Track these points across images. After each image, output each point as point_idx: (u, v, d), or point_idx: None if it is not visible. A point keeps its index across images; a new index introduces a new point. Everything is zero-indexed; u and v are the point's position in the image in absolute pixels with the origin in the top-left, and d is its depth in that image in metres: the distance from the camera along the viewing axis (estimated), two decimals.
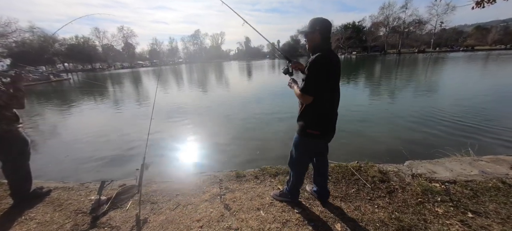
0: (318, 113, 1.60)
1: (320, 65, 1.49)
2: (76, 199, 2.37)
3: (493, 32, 65.70)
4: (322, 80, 1.51)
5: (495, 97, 7.58)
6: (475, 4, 3.06)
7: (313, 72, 1.50)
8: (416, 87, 10.61)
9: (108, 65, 74.69)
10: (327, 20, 1.57)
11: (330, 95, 1.59)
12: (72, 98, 13.32)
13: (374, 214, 1.88)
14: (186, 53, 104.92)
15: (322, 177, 2.02)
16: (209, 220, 1.93)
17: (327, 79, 1.53)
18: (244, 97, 10.47)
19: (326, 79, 1.53)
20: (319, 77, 1.50)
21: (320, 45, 1.58)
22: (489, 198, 1.98)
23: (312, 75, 1.50)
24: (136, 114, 8.21)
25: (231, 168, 3.15)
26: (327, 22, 1.57)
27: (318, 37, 1.57)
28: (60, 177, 3.39)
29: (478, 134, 4.57)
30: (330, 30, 1.60)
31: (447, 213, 1.84)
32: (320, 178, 2.02)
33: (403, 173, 2.49)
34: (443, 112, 6.18)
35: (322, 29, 1.56)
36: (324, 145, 1.87)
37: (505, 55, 30.59)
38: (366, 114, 6.35)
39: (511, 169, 2.42)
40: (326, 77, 1.52)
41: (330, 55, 1.55)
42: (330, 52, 1.57)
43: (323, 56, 1.50)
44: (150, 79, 25.34)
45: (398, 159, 3.08)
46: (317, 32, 1.57)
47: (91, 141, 5.46)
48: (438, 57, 36.36)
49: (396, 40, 67.76)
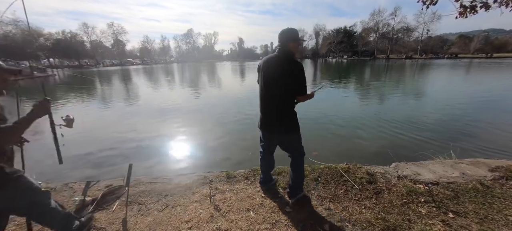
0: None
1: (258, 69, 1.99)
2: (59, 200, 2.26)
3: (475, 41, 69.25)
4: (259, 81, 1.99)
5: (476, 103, 7.96)
6: (458, 14, 3.20)
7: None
8: (403, 92, 10.99)
9: (96, 62, 72.30)
10: (285, 29, 1.83)
11: (261, 93, 1.94)
12: (58, 95, 12.80)
13: (361, 214, 1.93)
14: (178, 52, 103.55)
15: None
16: (198, 221, 1.92)
17: (259, 80, 1.96)
18: (236, 97, 10.45)
19: (259, 80, 1.98)
20: (258, 77, 1.99)
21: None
22: (469, 199, 2.08)
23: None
24: (124, 113, 8.00)
25: (222, 168, 3.13)
26: (283, 30, 1.83)
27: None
28: (42, 177, 3.24)
29: (459, 137, 4.78)
30: (282, 37, 1.82)
31: (429, 213, 1.91)
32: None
33: (389, 174, 2.56)
34: (428, 116, 6.43)
35: (279, 37, 1.84)
36: (267, 136, 2.11)
37: (486, 63, 32.26)
38: (355, 117, 6.50)
39: (489, 172, 2.55)
40: (259, 78, 1.96)
41: (264, 60, 1.90)
42: (267, 58, 1.89)
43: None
44: (140, 77, 24.78)
45: (385, 161, 3.17)
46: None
47: (77, 139, 5.27)
48: (424, 63, 37.82)
49: (386, 45, 70.03)
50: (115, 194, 2.34)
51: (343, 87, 13.25)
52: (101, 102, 10.44)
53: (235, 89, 13.43)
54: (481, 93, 9.70)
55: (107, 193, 2.31)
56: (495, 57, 53.32)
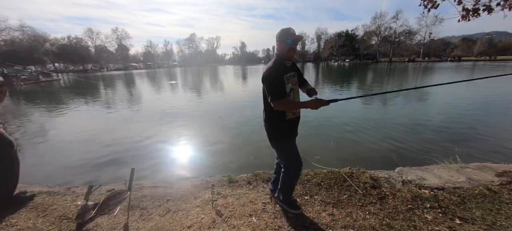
0: None
1: None
2: (61, 204, 2.28)
3: (479, 44, 68.66)
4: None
5: (481, 106, 7.87)
6: (461, 17, 3.19)
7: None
8: (406, 95, 10.91)
9: (100, 66, 73.31)
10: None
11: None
12: (62, 100, 12.96)
13: (365, 220, 1.89)
14: (181, 57, 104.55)
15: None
16: (200, 227, 1.90)
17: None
18: (238, 101, 10.47)
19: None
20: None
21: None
22: (476, 205, 2.03)
23: None
24: (127, 117, 8.06)
25: (224, 173, 3.12)
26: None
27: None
28: (45, 181, 3.26)
29: (465, 141, 4.71)
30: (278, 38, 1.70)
31: (436, 219, 1.87)
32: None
33: (393, 179, 2.52)
34: (432, 120, 6.36)
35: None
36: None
37: (490, 66, 31.94)
38: (358, 122, 6.45)
39: (496, 176, 2.50)
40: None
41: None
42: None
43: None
44: (143, 81, 25.02)
45: (389, 165, 3.13)
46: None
47: (80, 143, 5.31)
48: (427, 66, 37.59)
49: (388, 49, 69.80)
50: (117, 198, 2.33)
51: (345, 91, 13.21)
52: (105, 106, 10.54)
53: (237, 94, 13.47)
54: (486, 97, 9.59)
55: (109, 198, 2.31)
56: (499, 60, 52.81)
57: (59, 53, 57.52)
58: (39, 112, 9.58)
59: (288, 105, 1.70)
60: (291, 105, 1.71)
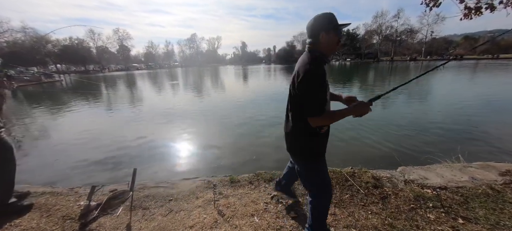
0: None
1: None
2: (64, 205, 2.30)
3: (481, 42, 68.09)
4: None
5: (483, 105, 7.81)
6: (463, 16, 3.17)
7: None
8: (408, 94, 10.85)
9: (102, 67, 73.66)
10: (315, 16, 1.28)
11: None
12: (64, 100, 13.04)
13: (367, 220, 1.89)
14: (182, 57, 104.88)
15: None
16: (202, 227, 1.90)
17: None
18: (239, 101, 10.47)
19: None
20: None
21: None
22: (479, 204, 2.02)
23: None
24: (129, 117, 8.09)
25: (226, 173, 3.13)
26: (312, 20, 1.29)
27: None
28: (48, 181, 3.29)
29: (467, 140, 4.68)
30: (310, 29, 1.29)
31: (438, 219, 1.87)
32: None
33: (396, 179, 2.51)
34: (434, 119, 6.32)
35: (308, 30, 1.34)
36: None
37: (492, 65, 31.70)
38: (359, 120, 6.43)
39: (499, 176, 2.48)
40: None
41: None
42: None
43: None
44: (144, 82, 25.10)
45: (391, 165, 3.11)
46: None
47: (82, 144, 5.34)
48: (428, 65, 37.36)
49: (389, 48, 69.50)
50: (119, 198, 2.34)
51: (347, 89, 13.18)
52: (107, 106, 10.59)
53: (239, 93, 13.47)
54: (489, 96, 9.52)
55: (111, 198, 2.32)
56: (501, 58, 52.40)
57: (61, 54, 57.85)
58: (42, 113, 9.64)
59: (332, 118, 1.28)
60: (336, 117, 1.27)
